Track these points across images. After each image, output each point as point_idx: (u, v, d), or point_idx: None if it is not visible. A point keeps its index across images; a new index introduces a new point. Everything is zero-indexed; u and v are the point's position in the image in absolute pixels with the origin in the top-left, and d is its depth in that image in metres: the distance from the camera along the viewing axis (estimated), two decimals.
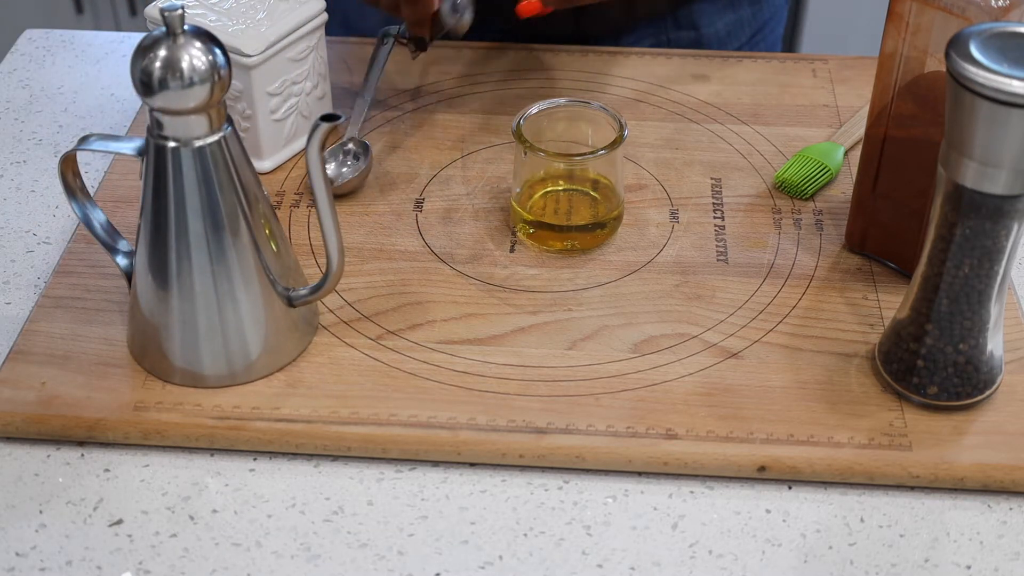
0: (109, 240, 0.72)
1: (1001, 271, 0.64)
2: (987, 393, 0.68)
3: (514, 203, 0.80)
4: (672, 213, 0.83)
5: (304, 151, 0.74)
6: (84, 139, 0.67)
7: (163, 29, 0.62)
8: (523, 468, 0.67)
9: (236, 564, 0.62)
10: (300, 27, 0.83)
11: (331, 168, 0.85)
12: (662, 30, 1.05)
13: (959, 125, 0.60)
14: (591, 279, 0.78)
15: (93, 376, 0.70)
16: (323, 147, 0.64)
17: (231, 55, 0.66)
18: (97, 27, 2.07)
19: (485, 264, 0.79)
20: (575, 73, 0.97)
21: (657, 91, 0.95)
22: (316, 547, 0.63)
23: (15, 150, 0.91)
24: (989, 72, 0.57)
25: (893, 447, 0.66)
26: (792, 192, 0.85)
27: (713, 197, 0.84)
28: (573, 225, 0.80)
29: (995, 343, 0.67)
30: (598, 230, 0.80)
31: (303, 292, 0.70)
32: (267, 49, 0.80)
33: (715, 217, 0.83)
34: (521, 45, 1.00)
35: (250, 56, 0.80)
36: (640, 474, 0.66)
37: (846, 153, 0.88)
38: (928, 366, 0.67)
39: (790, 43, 2.07)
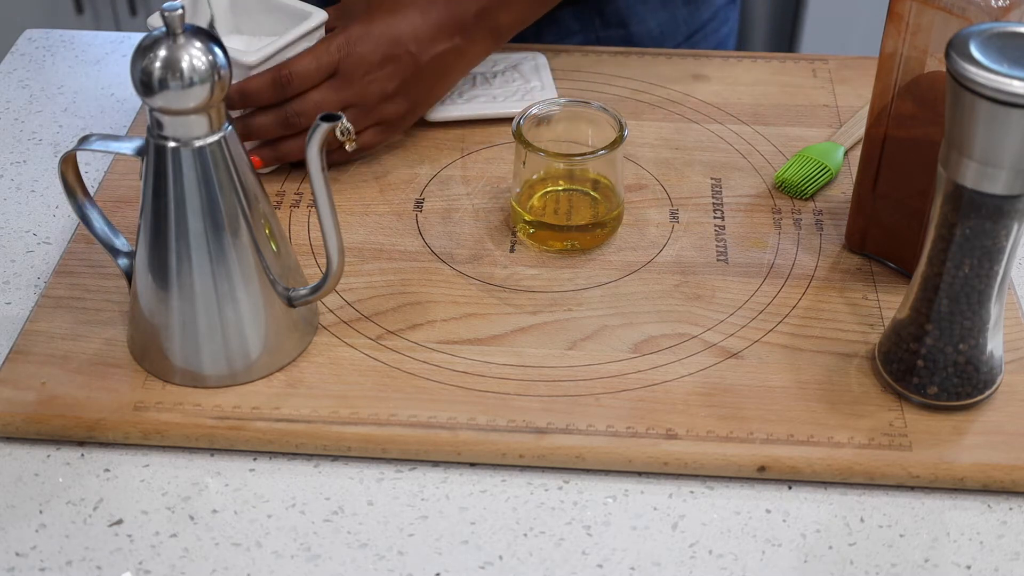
0: (109, 240, 0.72)
1: (1001, 271, 0.64)
2: (987, 393, 0.68)
3: (514, 203, 0.80)
4: (672, 213, 0.83)
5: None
6: (84, 139, 0.67)
7: (163, 29, 0.62)
8: (523, 468, 0.67)
9: (236, 564, 0.62)
10: (303, 36, 0.83)
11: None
12: (590, 28, 1.04)
13: (959, 125, 0.60)
14: (591, 279, 0.78)
15: (93, 376, 0.70)
16: (323, 147, 0.64)
17: (232, 55, 0.66)
18: (97, 27, 2.07)
19: (485, 264, 0.79)
20: (575, 73, 0.97)
21: (657, 91, 0.95)
22: (316, 547, 0.63)
23: (15, 150, 0.91)
24: (989, 72, 0.57)
25: (893, 447, 0.66)
26: (792, 192, 0.85)
27: (713, 197, 0.84)
28: (573, 225, 0.80)
29: (995, 343, 0.67)
30: (598, 230, 0.80)
31: (303, 292, 0.70)
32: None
33: (715, 217, 0.83)
34: (520, 45, 1.00)
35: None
36: (640, 474, 0.66)
37: (846, 153, 0.88)
38: (928, 366, 0.67)
39: (790, 43, 2.07)
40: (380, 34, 0.82)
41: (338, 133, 0.63)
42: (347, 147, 0.65)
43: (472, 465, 0.67)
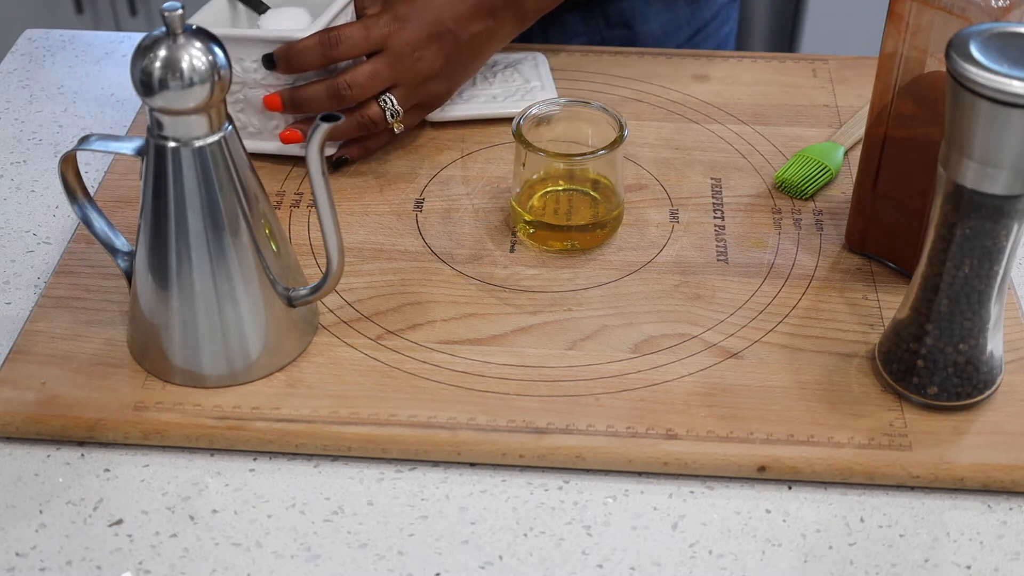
0: (109, 240, 0.72)
1: (1001, 271, 0.64)
2: (987, 393, 0.68)
3: (514, 203, 0.80)
4: (672, 213, 0.83)
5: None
6: (84, 139, 0.67)
7: (163, 29, 0.62)
8: (523, 468, 0.67)
9: (236, 564, 0.62)
10: (343, 7, 0.85)
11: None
12: (595, 29, 1.05)
13: (959, 125, 0.60)
14: (591, 279, 0.78)
15: (93, 376, 0.70)
16: (323, 147, 0.64)
17: (283, 34, 0.66)
18: (97, 27, 2.07)
19: (485, 264, 0.79)
20: (575, 73, 0.97)
21: (657, 91, 0.95)
22: (316, 547, 0.63)
23: (15, 150, 0.91)
24: (989, 72, 0.57)
25: (893, 447, 0.66)
26: (792, 192, 0.85)
27: (713, 197, 0.84)
28: (573, 225, 0.80)
29: (995, 343, 0.67)
30: (598, 230, 0.80)
31: (303, 292, 0.70)
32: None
33: (715, 217, 0.83)
34: (521, 45, 1.00)
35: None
36: (640, 474, 0.66)
37: (846, 153, 0.88)
38: (928, 366, 0.67)
39: (790, 43, 2.07)
40: (423, 12, 0.83)
41: (388, 116, 0.63)
42: (395, 129, 0.65)
43: (472, 465, 0.67)
